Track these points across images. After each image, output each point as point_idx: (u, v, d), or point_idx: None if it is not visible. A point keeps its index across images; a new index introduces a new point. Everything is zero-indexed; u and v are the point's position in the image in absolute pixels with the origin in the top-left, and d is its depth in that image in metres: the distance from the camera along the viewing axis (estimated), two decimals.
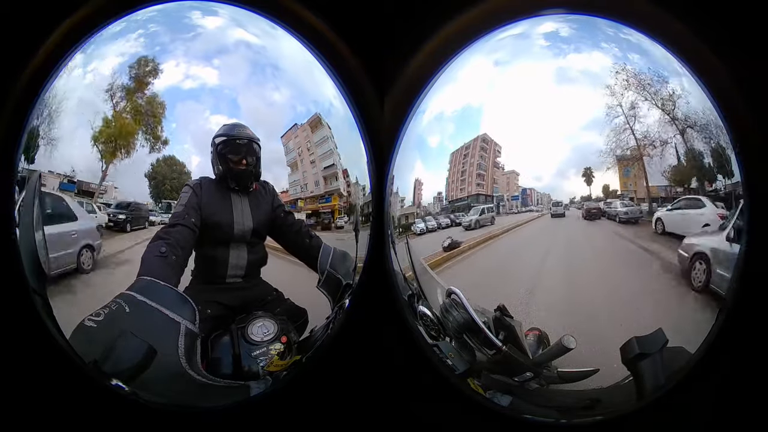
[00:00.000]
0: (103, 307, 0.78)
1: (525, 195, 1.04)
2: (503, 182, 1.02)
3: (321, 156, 0.95)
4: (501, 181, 1.02)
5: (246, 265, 0.97)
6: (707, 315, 0.83)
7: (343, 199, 0.99)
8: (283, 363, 0.88)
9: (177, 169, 0.89)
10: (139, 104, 0.83)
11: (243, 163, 0.93)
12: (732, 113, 0.82)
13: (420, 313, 0.95)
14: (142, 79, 0.82)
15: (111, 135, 0.82)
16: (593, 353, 0.86)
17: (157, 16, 0.88)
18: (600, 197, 0.93)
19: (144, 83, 0.82)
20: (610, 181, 0.90)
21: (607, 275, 0.91)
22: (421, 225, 1.02)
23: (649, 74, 0.85)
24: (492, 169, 1.01)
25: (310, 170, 0.95)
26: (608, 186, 0.91)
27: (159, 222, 0.92)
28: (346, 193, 0.99)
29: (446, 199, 1.04)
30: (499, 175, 1.01)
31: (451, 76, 0.92)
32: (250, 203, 0.98)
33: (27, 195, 0.83)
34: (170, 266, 0.86)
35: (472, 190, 1.04)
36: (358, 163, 0.95)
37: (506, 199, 1.05)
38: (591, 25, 0.89)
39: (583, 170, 0.90)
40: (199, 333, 0.82)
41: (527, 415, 0.89)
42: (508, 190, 1.03)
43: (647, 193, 0.92)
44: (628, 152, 0.88)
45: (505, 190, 1.03)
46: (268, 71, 0.91)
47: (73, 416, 0.86)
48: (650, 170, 0.89)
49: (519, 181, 1.01)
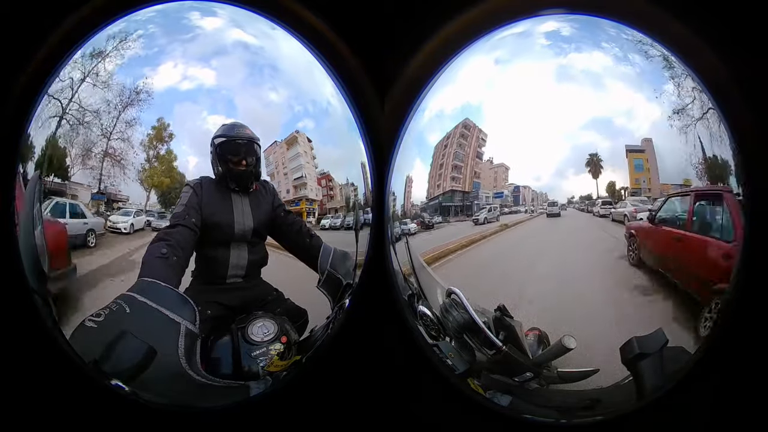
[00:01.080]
0: (104, 308, 0.78)
1: (516, 193, 0.96)
2: (489, 177, 0.93)
3: (293, 169, 1.00)
4: (487, 175, 0.93)
5: (247, 265, 0.97)
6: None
7: (315, 202, 1.04)
8: (284, 363, 0.88)
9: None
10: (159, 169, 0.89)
11: (243, 163, 0.93)
12: (732, 113, 0.82)
13: (420, 313, 0.95)
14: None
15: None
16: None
17: (157, 16, 0.88)
18: (606, 197, 0.91)
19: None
20: (612, 180, 0.90)
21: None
22: (396, 229, 0.98)
23: (650, 74, 0.85)
24: (472, 161, 0.91)
25: (284, 180, 1.01)
26: (613, 184, 0.90)
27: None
28: (317, 197, 1.03)
29: (427, 197, 1.00)
30: (484, 169, 0.93)
31: (451, 76, 0.92)
32: (251, 203, 0.98)
33: (27, 195, 0.83)
34: (171, 267, 0.86)
35: (446, 186, 0.96)
36: (350, 165, 0.96)
37: (486, 197, 0.95)
38: (592, 25, 0.89)
39: (587, 158, 0.85)
40: (199, 333, 0.82)
41: (527, 415, 0.89)
42: (496, 186, 0.94)
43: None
44: (628, 151, 0.87)
45: (492, 186, 0.94)
46: (267, 72, 0.91)
47: (73, 416, 0.86)
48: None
49: (510, 177, 0.92)
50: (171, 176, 0.91)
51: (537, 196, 0.98)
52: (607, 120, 0.86)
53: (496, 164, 0.93)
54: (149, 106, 0.85)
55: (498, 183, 0.96)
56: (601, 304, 0.88)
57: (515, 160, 0.95)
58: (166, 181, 0.91)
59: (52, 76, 0.83)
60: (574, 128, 0.87)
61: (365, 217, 0.96)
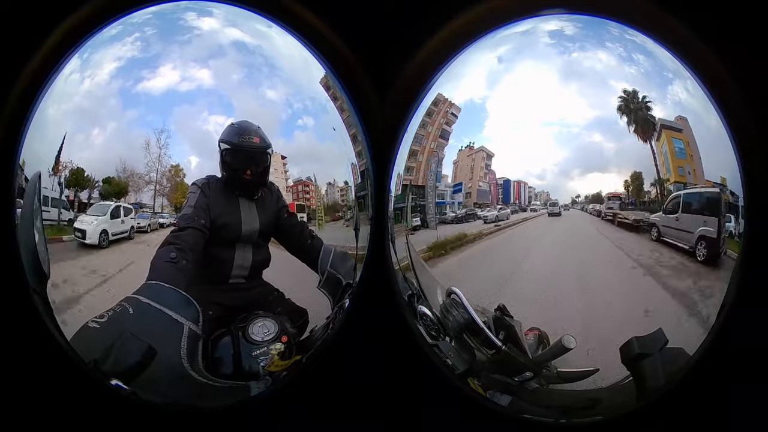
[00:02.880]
0: (108, 310, 0.78)
1: (507, 189, 0.80)
2: (465, 165, 0.73)
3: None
4: (464, 163, 0.73)
5: (250, 266, 0.97)
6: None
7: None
8: (284, 363, 0.88)
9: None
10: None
11: (247, 173, 0.93)
12: (732, 113, 0.82)
13: (420, 313, 0.95)
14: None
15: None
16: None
17: (153, 18, 0.87)
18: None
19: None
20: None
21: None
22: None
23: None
24: (433, 142, 0.71)
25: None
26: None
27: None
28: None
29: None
30: (461, 156, 0.72)
31: (453, 74, 0.92)
32: (257, 204, 0.98)
33: (27, 195, 0.83)
34: (180, 271, 0.85)
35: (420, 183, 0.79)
36: (339, 166, 0.96)
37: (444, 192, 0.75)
38: (596, 24, 0.88)
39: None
40: (201, 334, 0.82)
41: (527, 414, 0.89)
42: (472, 177, 0.75)
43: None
44: (663, 127, 0.81)
45: (467, 177, 0.74)
46: (266, 72, 0.91)
47: (73, 416, 0.87)
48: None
49: (509, 174, 0.74)
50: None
51: (537, 195, 0.95)
52: (611, 120, 0.85)
53: (476, 149, 0.74)
54: (150, 108, 0.85)
55: (475, 173, 0.79)
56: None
57: (517, 159, 0.94)
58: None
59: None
60: (578, 127, 0.87)
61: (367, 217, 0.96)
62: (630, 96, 0.72)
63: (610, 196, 0.87)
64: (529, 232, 1.01)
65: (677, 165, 0.72)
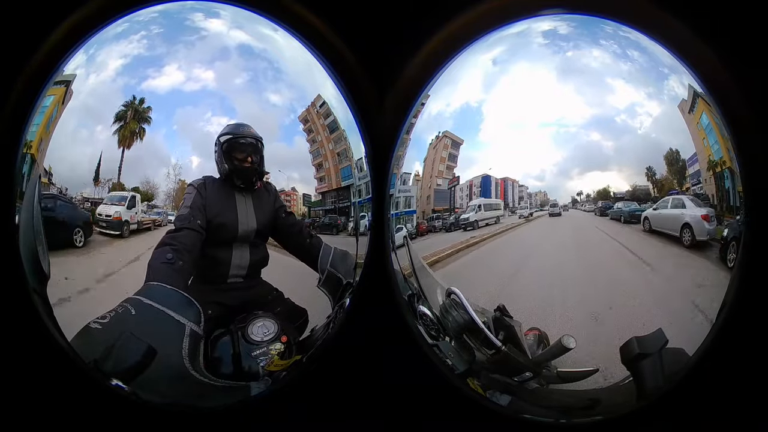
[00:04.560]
0: (110, 311, 0.78)
1: (488, 185, 0.69)
2: (430, 160, 0.59)
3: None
4: (429, 158, 0.58)
5: (248, 265, 0.98)
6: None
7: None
8: (284, 363, 0.88)
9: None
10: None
11: (248, 161, 0.94)
12: (732, 113, 0.82)
13: (420, 313, 0.95)
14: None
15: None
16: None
17: (159, 17, 0.88)
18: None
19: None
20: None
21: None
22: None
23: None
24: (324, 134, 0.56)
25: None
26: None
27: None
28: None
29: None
30: (429, 150, 0.57)
31: (451, 76, 0.92)
32: (254, 203, 0.99)
33: (27, 195, 0.83)
34: (177, 272, 0.86)
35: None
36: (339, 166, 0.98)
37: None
38: (590, 23, 0.88)
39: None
40: (202, 335, 0.83)
41: (527, 415, 0.89)
42: (432, 176, 0.61)
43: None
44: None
45: (429, 174, 0.62)
46: (267, 72, 0.91)
47: (73, 416, 0.87)
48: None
49: (481, 162, 0.63)
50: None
51: (530, 195, 0.94)
52: (609, 118, 0.85)
53: (440, 136, 0.58)
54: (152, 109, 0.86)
55: (435, 167, 0.67)
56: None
57: (515, 159, 0.94)
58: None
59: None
60: (575, 127, 0.87)
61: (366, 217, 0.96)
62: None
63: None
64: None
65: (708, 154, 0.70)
